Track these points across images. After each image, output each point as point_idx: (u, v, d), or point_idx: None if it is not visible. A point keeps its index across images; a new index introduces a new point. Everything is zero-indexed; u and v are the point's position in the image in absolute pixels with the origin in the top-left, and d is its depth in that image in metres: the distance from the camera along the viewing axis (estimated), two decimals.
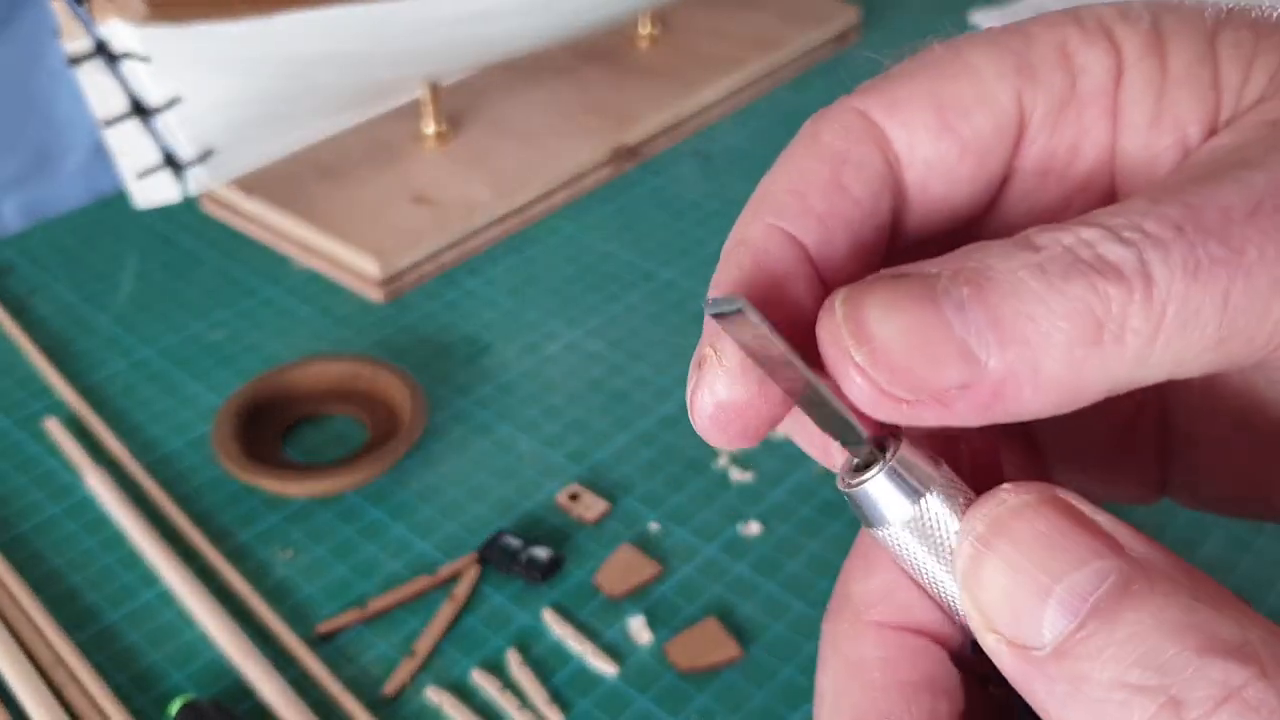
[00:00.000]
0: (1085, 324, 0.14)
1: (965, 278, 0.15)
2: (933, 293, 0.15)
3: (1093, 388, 0.15)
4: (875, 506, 0.16)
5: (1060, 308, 0.14)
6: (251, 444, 0.51)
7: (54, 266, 0.64)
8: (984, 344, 0.15)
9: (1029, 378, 0.15)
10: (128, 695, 0.42)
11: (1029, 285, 0.14)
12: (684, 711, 0.41)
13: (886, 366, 0.15)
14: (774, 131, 0.74)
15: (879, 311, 0.15)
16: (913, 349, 0.15)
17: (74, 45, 0.56)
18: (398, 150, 0.68)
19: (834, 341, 0.15)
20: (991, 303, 0.15)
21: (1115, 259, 0.14)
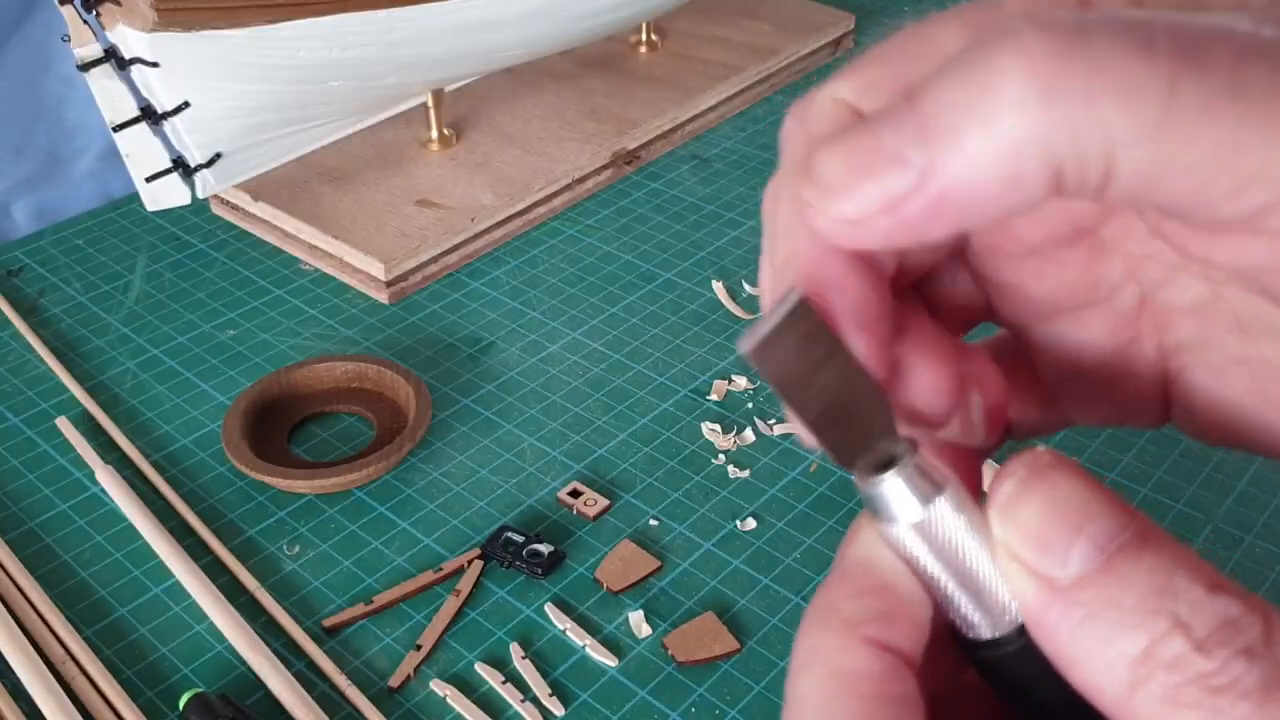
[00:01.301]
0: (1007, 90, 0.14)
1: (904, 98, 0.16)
2: (873, 120, 0.16)
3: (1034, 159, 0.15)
4: (889, 505, 0.17)
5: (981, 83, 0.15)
6: (259, 442, 0.52)
7: (65, 268, 0.65)
8: (917, 147, 0.15)
9: (965, 163, 0.15)
10: (137, 689, 0.43)
11: (954, 78, 0.15)
12: (683, 703, 0.42)
13: (832, 193, 0.16)
14: (770, 136, 0.75)
15: (825, 152, 0.16)
16: (853, 169, 0.16)
17: (84, 51, 0.56)
18: (402, 155, 0.69)
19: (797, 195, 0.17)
20: (921, 107, 0.15)
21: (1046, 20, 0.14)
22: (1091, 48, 0.14)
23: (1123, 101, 0.14)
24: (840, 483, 0.51)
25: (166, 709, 0.42)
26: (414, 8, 0.60)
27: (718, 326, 0.60)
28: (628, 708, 0.42)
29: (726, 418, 0.54)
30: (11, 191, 0.71)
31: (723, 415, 0.54)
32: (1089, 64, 0.14)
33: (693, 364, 0.57)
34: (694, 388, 0.56)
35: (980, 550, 0.17)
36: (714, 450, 0.52)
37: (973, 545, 0.17)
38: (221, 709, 0.40)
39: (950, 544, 0.17)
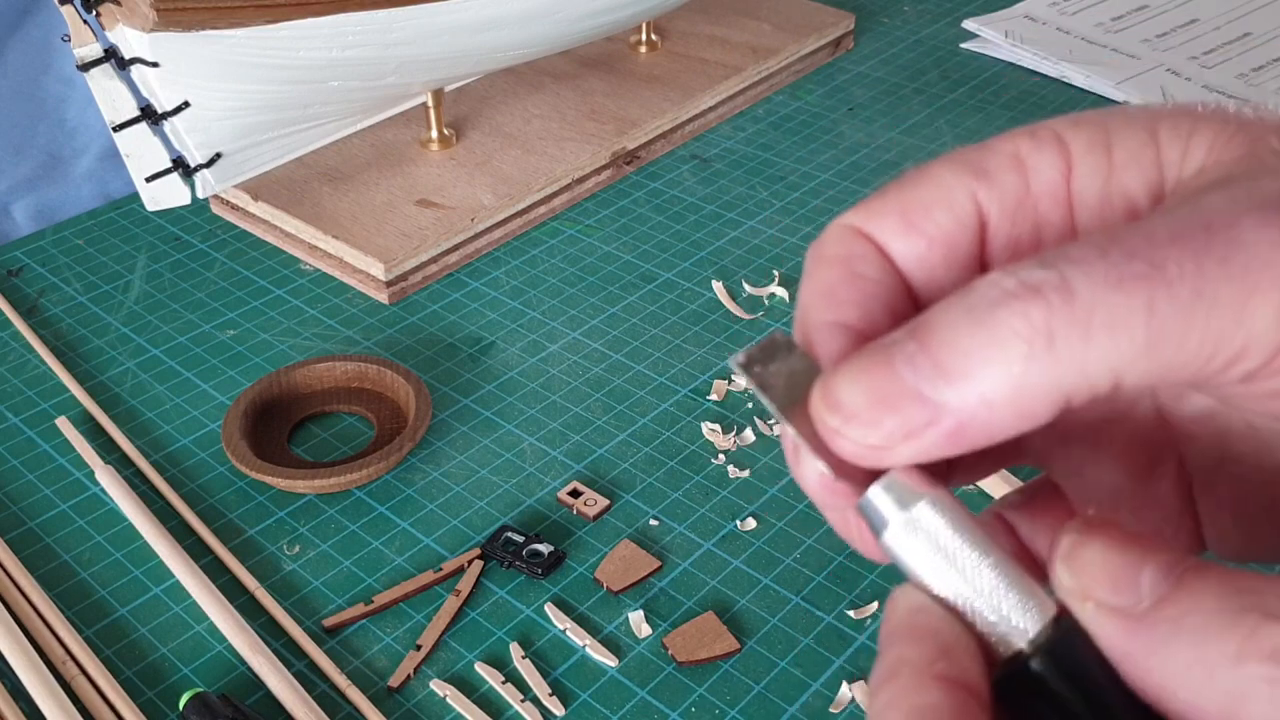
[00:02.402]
0: (1013, 344, 0.16)
1: (915, 334, 0.17)
2: (889, 356, 0.18)
3: (1044, 398, 0.17)
4: (876, 515, 0.18)
5: (988, 335, 0.17)
6: (259, 442, 0.52)
7: (65, 268, 0.65)
8: (934, 387, 0.17)
9: (980, 403, 0.17)
10: (137, 689, 0.43)
11: (960, 327, 0.17)
12: (683, 703, 0.42)
13: (859, 424, 0.18)
14: (770, 136, 0.75)
15: (845, 383, 0.18)
16: (875, 404, 0.17)
17: (84, 51, 0.56)
18: (402, 155, 0.69)
19: (818, 414, 0.18)
20: (932, 350, 0.17)
21: (1035, 281, 0.17)
22: (1076, 297, 0.16)
23: (1113, 335, 0.16)
24: None
25: (166, 709, 0.42)
26: (414, 8, 0.60)
27: (718, 326, 0.60)
28: (628, 708, 0.42)
29: (726, 418, 0.54)
30: (11, 191, 0.71)
31: (723, 415, 0.54)
32: (1076, 311, 0.16)
33: (693, 364, 0.57)
34: (694, 388, 0.56)
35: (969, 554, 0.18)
36: (714, 450, 0.52)
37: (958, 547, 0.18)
38: (221, 709, 0.40)
39: (937, 543, 0.18)
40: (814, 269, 0.20)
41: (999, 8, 0.89)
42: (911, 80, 0.81)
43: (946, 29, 0.87)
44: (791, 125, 0.76)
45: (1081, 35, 0.85)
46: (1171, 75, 0.80)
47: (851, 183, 0.70)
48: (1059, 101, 0.78)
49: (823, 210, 0.68)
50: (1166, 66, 0.81)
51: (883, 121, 0.76)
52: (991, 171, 0.19)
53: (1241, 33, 0.85)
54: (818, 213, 0.68)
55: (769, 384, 0.19)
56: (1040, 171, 0.19)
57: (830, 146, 0.74)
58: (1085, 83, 0.79)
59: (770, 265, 0.64)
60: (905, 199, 0.20)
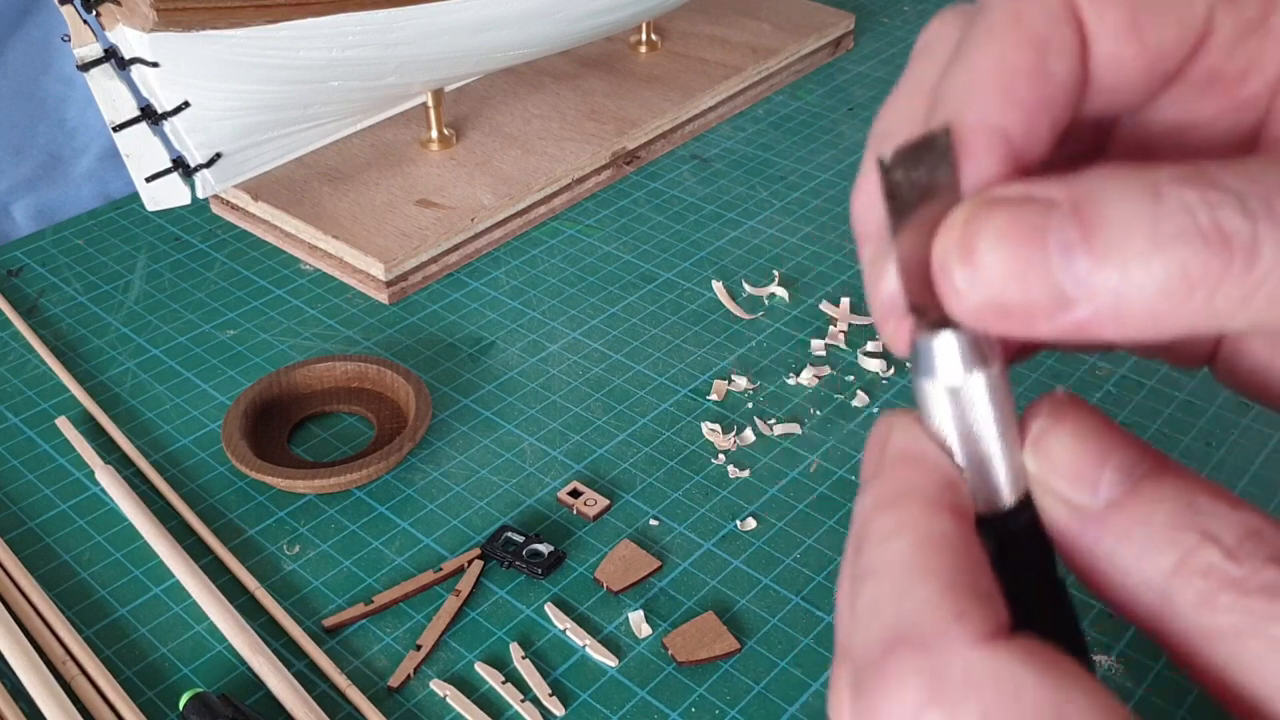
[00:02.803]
0: (1178, 283, 0.15)
1: (1081, 218, 0.16)
2: (1045, 228, 0.16)
3: (1171, 332, 0.16)
4: (934, 362, 0.18)
5: (1159, 265, 0.15)
6: (259, 442, 0.52)
7: (65, 268, 0.65)
8: (1080, 286, 0.16)
9: (1112, 318, 0.16)
10: (137, 689, 0.43)
11: (1137, 239, 0.15)
12: (683, 703, 0.42)
13: (985, 290, 0.16)
14: (770, 136, 0.75)
15: (990, 239, 0.16)
16: (1011, 281, 0.16)
17: (84, 51, 0.56)
18: (402, 155, 0.69)
19: (944, 254, 0.17)
20: (1098, 251, 0.16)
21: (1230, 229, 0.15)
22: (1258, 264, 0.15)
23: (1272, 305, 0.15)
24: (840, 482, 0.51)
25: (166, 709, 0.42)
26: (414, 8, 0.60)
27: (718, 326, 0.60)
28: (628, 708, 0.42)
29: (726, 418, 0.54)
30: (11, 191, 0.71)
31: (723, 415, 0.54)
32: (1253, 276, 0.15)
33: (693, 364, 0.57)
34: (694, 388, 0.56)
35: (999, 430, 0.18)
36: (714, 450, 0.52)
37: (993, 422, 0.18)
38: (221, 709, 0.40)
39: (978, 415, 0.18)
40: (1003, 32, 0.17)
41: None
42: None
43: None
44: (791, 125, 0.76)
45: None
46: None
47: (851, 183, 0.70)
48: None
49: (823, 210, 0.68)
50: None
51: None
52: None
53: None
54: (818, 213, 0.68)
55: (899, 193, 0.17)
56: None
57: (830, 146, 0.74)
58: None
59: (770, 265, 0.64)
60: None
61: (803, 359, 0.57)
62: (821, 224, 0.67)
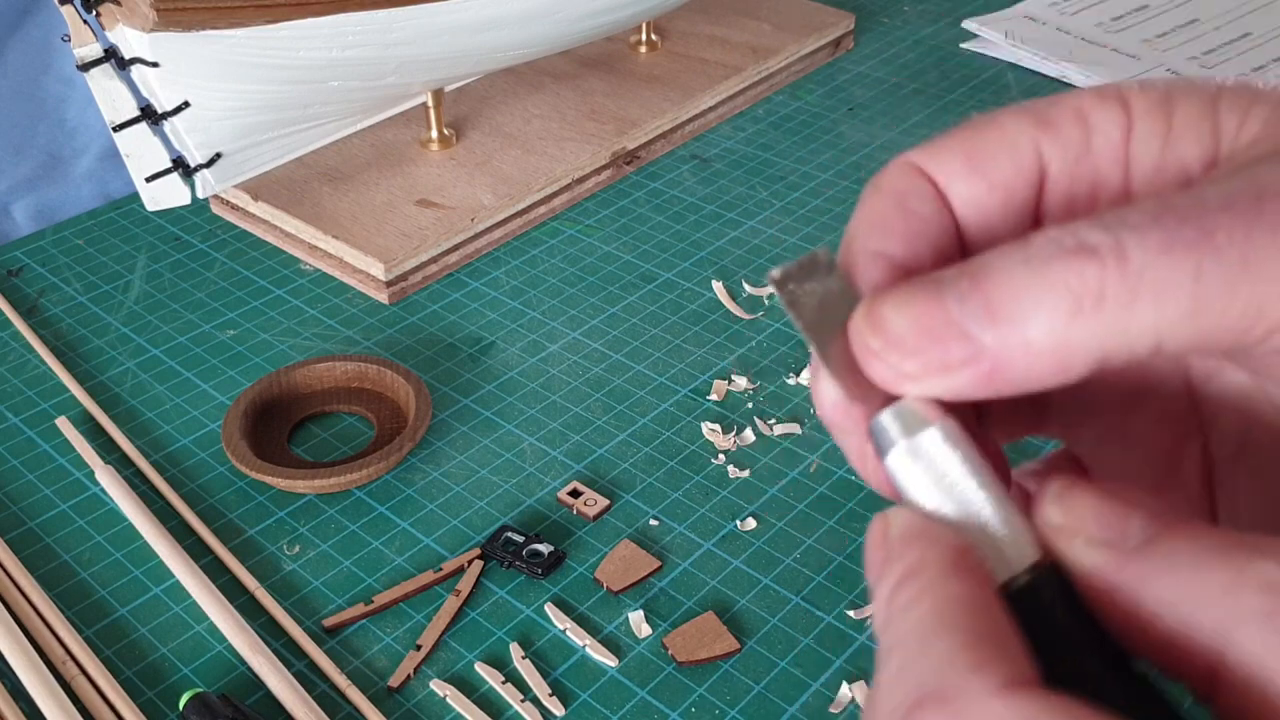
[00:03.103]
0: (1065, 297, 0.17)
1: (966, 274, 0.18)
2: (939, 289, 0.18)
3: (1081, 353, 0.17)
4: (883, 437, 0.19)
5: (1042, 285, 0.17)
6: (259, 442, 0.52)
7: (65, 268, 0.65)
8: (979, 324, 0.17)
9: (1020, 349, 0.17)
10: (137, 689, 0.43)
11: (1017, 272, 0.17)
12: (683, 704, 0.42)
13: (897, 349, 0.18)
14: (770, 136, 0.75)
15: (892, 308, 0.18)
16: (919, 334, 0.18)
17: (84, 51, 0.56)
18: (402, 155, 0.69)
19: (857, 334, 0.19)
20: (985, 290, 0.18)
21: (1094, 241, 0.17)
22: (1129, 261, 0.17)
23: (1159, 299, 0.17)
24: (840, 483, 0.51)
25: (166, 709, 0.42)
26: (414, 8, 0.60)
27: (718, 326, 0.60)
28: (628, 708, 0.42)
29: (726, 418, 0.54)
30: (11, 191, 0.71)
31: (723, 415, 0.54)
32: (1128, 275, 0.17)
33: (693, 364, 0.57)
34: (694, 388, 0.56)
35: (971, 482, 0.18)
36: (714, 450, 0.52)
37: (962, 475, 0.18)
38: (221, 709, 0.41)
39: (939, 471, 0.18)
40: (867, 198, 0.20)
41: (999, 8, 0.89)
42: (911, 80, 0.81)
43: (946, 29, 0.87)
44: (791, 125, 0.76)
45: (1081, 35, 0.85)
46: (1171, 75, 0.80)
47: (851, 183, 0.70)
48: None
49: (823, 210, 0.68)
50: (1166, 66, 0.81)
51: (883, 121, 0.76)
52: (1056, 124, 0.20)
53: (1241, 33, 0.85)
54: (818, 213, 0.68)
55: (799, 301, 0.19)
56: (1101, 129, 0.20)
57: (830, 146, 0.74)
58: (1085, 83, 0.79)
59: (770, 265, 0.64)
60: (970, 142, 0.20)
61: (803, 359, 0.57)
62: (821, 224, 0.67)
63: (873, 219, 0.20)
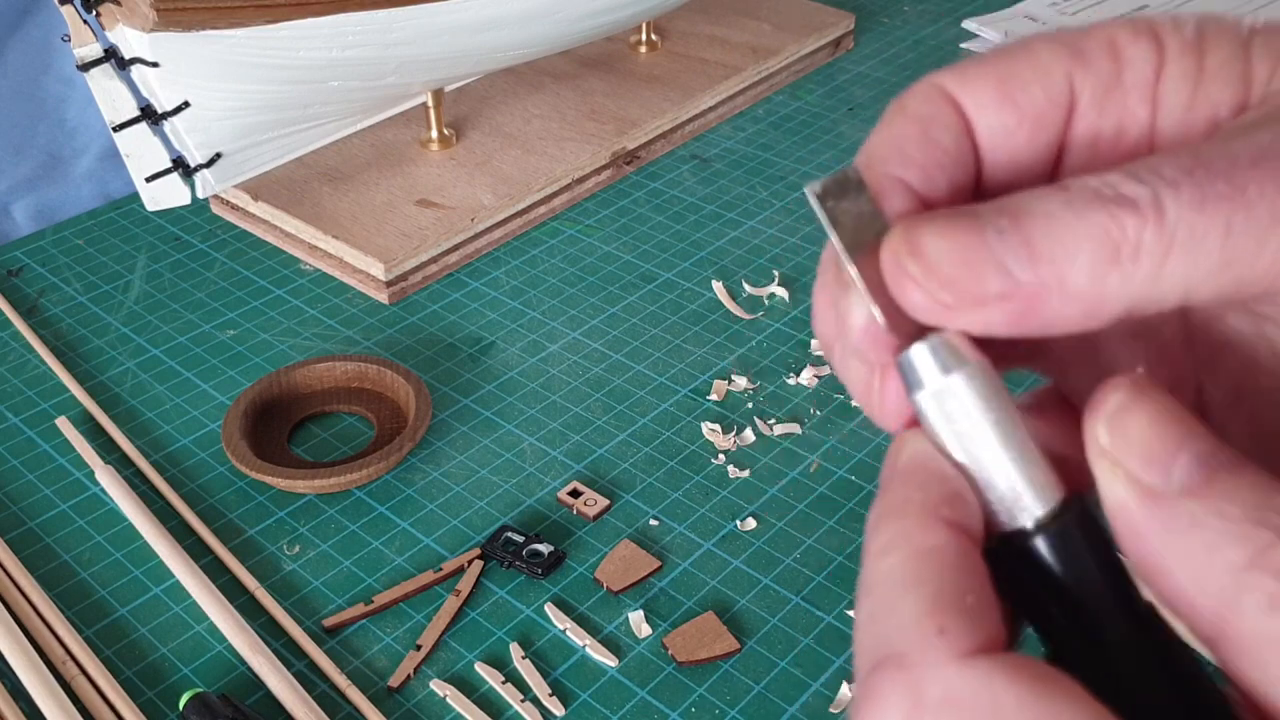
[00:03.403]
0: (1105, 245, 0.17)
1: (1006, 212, 0.18)
2: (978, 222, 0.18)
3: (1113, 302, 0.17)
4: (914, 373, 0.18)
5: (1084, 231, 0.17)
6: (259, 442, 0.52)
7: (65, 268, 0.65)
8: (1018, 261, 0.17)
9: (1056, 290, 0.17)
10: (137, 689, 0.43)
11: (1058, 215, 0.17)
12: (683, 703, 0.42)
13: (935, 277, 0.18)
14: (770, 136, 0.75)
15: (931, 235, 0.18)
16: (957, 264, 0.18)
17: (84, 51, 0.56)
18: (402, 155, 0.69)
19: (893, 256, 0.18)
20: (1026, 229, 0.17)
21: (1132, 193, 0.17)
22: (1165, 215, 0.17)
23: (1191, 253, 0.17)
24: (840, 482, 0.51)
25: (166, 709, 0.42)
26: (414, 8, 0.60)
27: (718, 326, 0.60)
28: (628, 708, 0.42)
29: (726, 418, 0.54)
30: (11, 191, 0.71)
31: (723, 415, 0.54)
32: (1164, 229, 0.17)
33: (693, 364, 0.57)
34: (694, 388, 0.56)
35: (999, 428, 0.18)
36: (714, 450, 0.52)
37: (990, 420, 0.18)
38: (221, 709, 0.41)
39: (967, 416, 0.18)
40: (891, 119, 0.20)
41: (999, 8, 0.89)
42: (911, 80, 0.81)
43: (946, 29, 0.87)
44: (791, 125, 0.76)
45: None
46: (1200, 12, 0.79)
47: None
48: None
49: None
50: None
51: None
52: (1089, 55, 0.20)
53: None
54: None
55: (839, 220, 0.19)
56: (1135, 64, 0.19)
57: (830, 146, 0.74)
58: None
59: (770, 265, 0.64)
60: (1003, 70, 0.20)
61: (803, 359, 0.57)
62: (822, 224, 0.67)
63: (893, 142, 0.20)
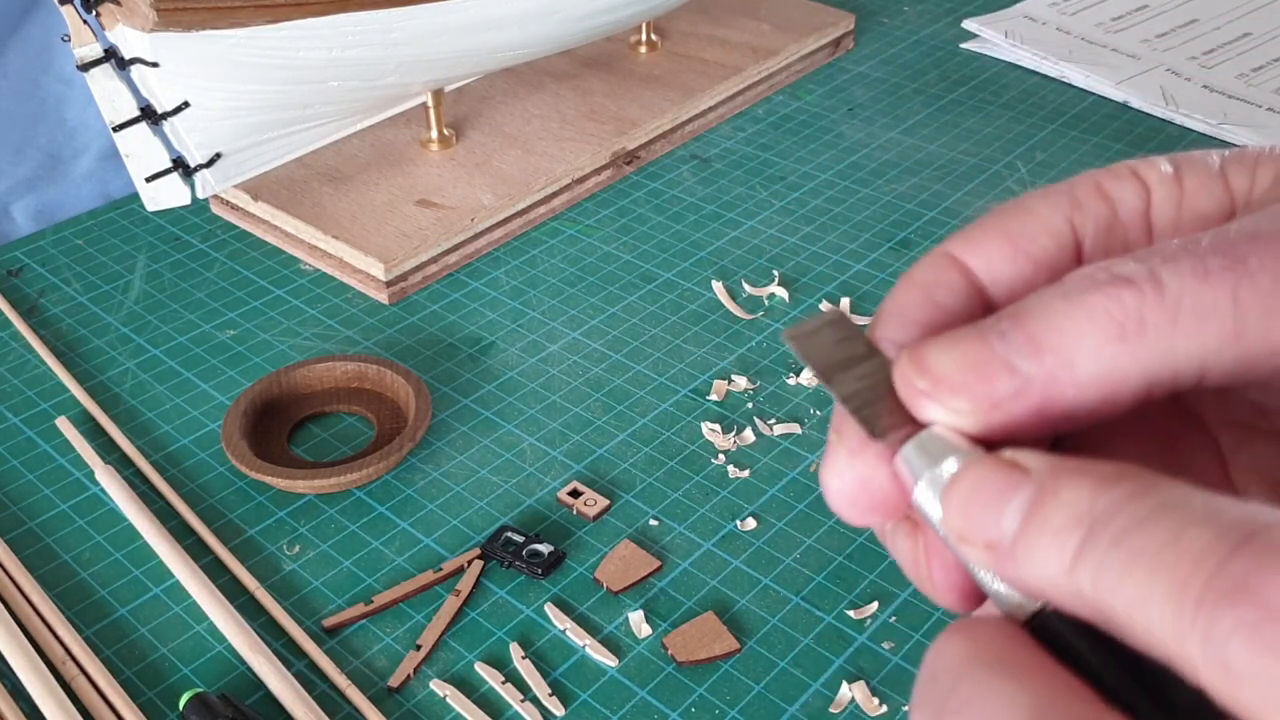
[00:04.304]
0: (1107, 324, 0.17)
1: (1005, 316, 0.18)
2: (980, 330, 0.19)
3: (1130, 380, 0.17)
4: (907, 470, 0.19)
5: (1083, 315, 0.18)
6: (259, 442, 0.52)
7: (64, 268, 0.65)
8: (1025, 357, 0.18)
9: (1068, 377, 0.18)
10: (137, 689, 0.43)
11: (1056, 306, 0.18)
12: (683, 703, 0.42)
13: (946, 386, 0.18)
14: (770, 136, 0.75)
15: (936, 351, 0.19)
16: (966, 371, 0.18)
17: (84, 51, 0.56)
18: (402, 155, 0.69)
19: (903, 378, 0.19)
20: (1027, 326, 0.18)
21: (1128, 272, 0.18)
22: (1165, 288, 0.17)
23: (1201, 323, 0.17)
24: None
25: (166, 709, 0.42)
26: (414, 8, 0.60)
27: (718, 326, 0.60)
28: (628, 708, 0.42)
29: (726, 418, 0.54)
30: (11, 191, 0.71)
31: (723, 415, 0.54)
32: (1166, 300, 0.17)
33: (693, 364, 0.57)
34: (694, 388, 0.56)
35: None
36: (714, 450, 0.52)
37: None
38: (221, 709, 0.41)
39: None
40: (897, 289, 0.21)
41: (999, 8, 0.89)
42: (911, 80, 0.81)
43: (946, 29, 0.87)
44: (791, 125, 0.76)
45: (1081, 35, 0.85)
46: (1171, 75, 0.80)
47: (851, 183, 0.70)
48: (1059, 101, 0.78)
49: (823, 210, 0.68)
50: (1166, 66, 0.81)
51: (883, 121, 0.76)
52: (1082, 200, 0.21)
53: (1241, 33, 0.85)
54: (818, 213, 0.68)
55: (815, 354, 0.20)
56: (1124, 201, 0.20)
57: (830, 146, 0.74)
58: (1085, 83, 0.79)
59: (770, 265, 0.64)
60: (1007, 225, 0.21)
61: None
62: (821, 224, 0.67)
63: (895, 309, 0.20)
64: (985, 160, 0.72)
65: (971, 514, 0.17)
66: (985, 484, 0.17)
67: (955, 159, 0.72)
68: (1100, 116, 0.77)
